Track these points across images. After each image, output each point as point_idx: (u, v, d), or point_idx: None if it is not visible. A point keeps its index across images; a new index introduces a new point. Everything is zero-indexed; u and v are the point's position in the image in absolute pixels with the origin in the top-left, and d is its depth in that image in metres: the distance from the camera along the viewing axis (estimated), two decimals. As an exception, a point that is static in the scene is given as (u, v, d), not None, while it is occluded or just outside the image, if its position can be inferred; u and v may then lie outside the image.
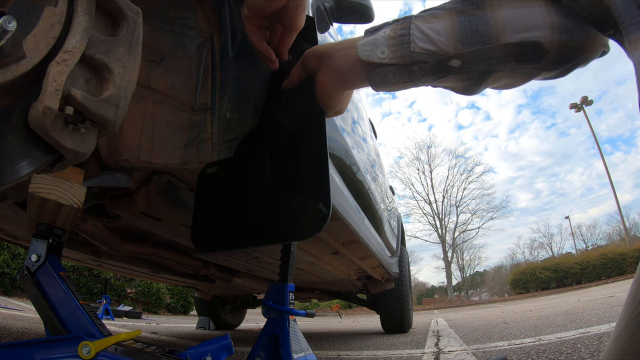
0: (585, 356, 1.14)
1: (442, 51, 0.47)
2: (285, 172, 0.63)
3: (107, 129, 0.39)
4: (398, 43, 0.49)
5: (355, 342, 2.26)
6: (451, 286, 24.78)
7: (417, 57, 0.48)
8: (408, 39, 0.48)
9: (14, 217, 0.95)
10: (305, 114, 0.63)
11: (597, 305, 3.53)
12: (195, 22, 0.74)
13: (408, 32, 0.48)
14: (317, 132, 0.60)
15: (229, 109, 0.71)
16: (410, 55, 0.48)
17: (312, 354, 0.88)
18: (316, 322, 6.46)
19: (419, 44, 0.47)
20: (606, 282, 12.37)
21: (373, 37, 0.52)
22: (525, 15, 0.44)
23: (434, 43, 0.47)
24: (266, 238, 0.63)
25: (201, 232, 0.68)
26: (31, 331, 1.90)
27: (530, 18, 0.44)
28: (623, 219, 18.31)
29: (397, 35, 0.49)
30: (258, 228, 0.63)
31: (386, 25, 0.52)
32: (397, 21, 0.51)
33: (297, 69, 0.61)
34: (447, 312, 8.53)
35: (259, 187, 0.65)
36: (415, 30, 0.48)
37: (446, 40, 0.46)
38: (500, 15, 0.44)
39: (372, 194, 1.62)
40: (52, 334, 0.59)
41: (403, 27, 0.49)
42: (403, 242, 3.11)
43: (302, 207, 0.59)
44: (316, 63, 0.58)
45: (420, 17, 0.49)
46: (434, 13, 0.49)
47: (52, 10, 0.34)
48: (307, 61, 0.59)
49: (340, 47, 0.56)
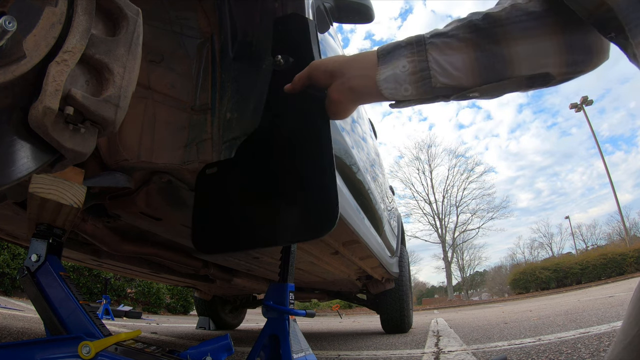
0: (585, 356, 1.14)
1: (462, 86, 0.50)
2: (291, 172, 0.63)
3: (107, 129, 0.39)
4: (419, 79, 0.50)
5: (355, 342, 2.26)
6: (451, 286, 24.78)
7: (439, 91, 0.50)
8: (429, 73, 0.50)
9: (14, 217, 0.95)
10: (309, 114, 0.63)
11: (597, 305, 3.53)
12: (195, 22, 0.74)
13: (427, 65, 0.50)
14: (322, 132, 0.60)
15: (229, 109, 0.71)
16: (432, 90, 0.50)
17: (312, 354, 0.88)
18: (316, 322, 6.46)
19: (440, 79, 0.50)
20: (606, 282, 12.37)
21: (392, 70, 0.52)
22: (538, 52, 0.47)
23: (454, 79, 0.49)
24: (272, 239, 0.62)
25: (202, 234, 0.68)
26: (31, 331, 1.90)
27: (544, 54, 0.47)
28: (623, 219, 18.32)
29: (418, 71, 0.50)
30: (263, 229, 0.63)
31: (401, 51, 0.52)
32: (412, 45, 0.52)
33: (301, 78, 0.61)
34: (447, 312, 8.53)
35: (263, 187, 0.64)
36: (434, 63, 0.49)
37: (465, 76, 0.49)
38: (516, 51, 0.47)
39: (372, 193, 1.62)
40: (52, 334, 0.59)
41: (421, 59, 0.50)
42: (403, 242, 3.11)
43: (309, 208, 0.59)
44: (326, 79, 0.58)
45: (435, 47, 0.50)
46: (449, 43, 0.50)
47: (52, 10, 0.34)
48: (314, 75, 0.59)
49: (354, 65, 0.56)
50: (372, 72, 0.54)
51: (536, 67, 0.47)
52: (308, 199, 0.60)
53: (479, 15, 0.50)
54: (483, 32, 0.49)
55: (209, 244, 0.67)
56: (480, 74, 0.49)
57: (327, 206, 0.57)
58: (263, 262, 1.51)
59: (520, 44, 0.47)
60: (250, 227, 0.64)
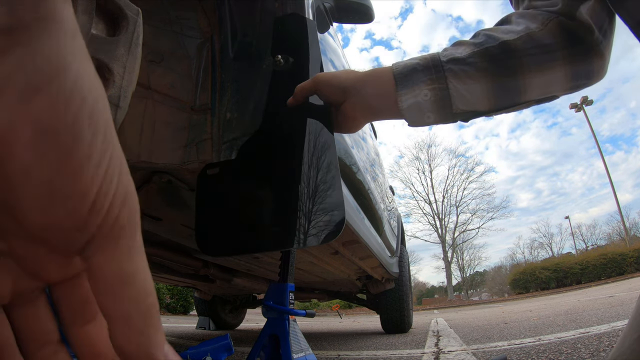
0: (585, 356, 1.14)
1: (479, 111, 0.54)
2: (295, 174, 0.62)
3: (107, 129, 0.39)
4: (441, 106, 0.53)
5: (355, 342, 2.26)
6: (451, 286, 24.78)
7: (457, 116, 0.54)
8: (450, 102, 0.53)
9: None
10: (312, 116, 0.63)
11: (597, 305, 3.53)
12: (195, 22, 0.74)
13: (448, 93, 0.52)
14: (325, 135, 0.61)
15: (229, 109, 0.71)
16: (452, 115, 0.54)
17: (312, 354, 0.88)
18: (316, 322, 6.46)
19: (460, 106, 0.53)
20: (606, 282, 12.36)
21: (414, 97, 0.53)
22: (549, 82, 0.51)
23: (472, 105, 0.53)
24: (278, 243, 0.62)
25: (207, 236, 0.68)
26: (31, 331, 1.90)
27: (553, 84, 0.52)
28: (623, 219, 18.32)
29: (439, 99, 0.53)
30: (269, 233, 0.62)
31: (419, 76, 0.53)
32: (430, 70, 0.53)
33: (304, 90, 0.60)
34: (447, 312, 8.53)
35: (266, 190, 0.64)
36: (454, 91, 0.52)
37: (482, 103, 0.53)
38: (530, 82, 0.51)
39: (372, 193, 1.62)
40: (52, 334, 0.59)
41: (442, 87, 0.52)
42: (403, 242, 3.11)
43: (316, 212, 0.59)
44: (339, 96, 0.58)
45: (454, 75, 0.52)
46: (468, 72, 0.52)
47: (52, 10, 0.34)
48: (324, 90, 0.59)
49: (370, 84, 0.56)
50: (390, 91, 0.55)
51: (545, 93, 0.53)
52: (314, 202, 0.60)
53: (495, 41, 0.52)
54: (500, 63, 0.51)
55: (214, 247, 0.67)
56: (496, 102, 0.53)
57: (333, 210, 0.57)
58: (263, 262, 1.51)
59: (534, 76, 0.51)
60: (255, 231, 0.64)
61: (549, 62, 0.50)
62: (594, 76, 0.52)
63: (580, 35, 0.49)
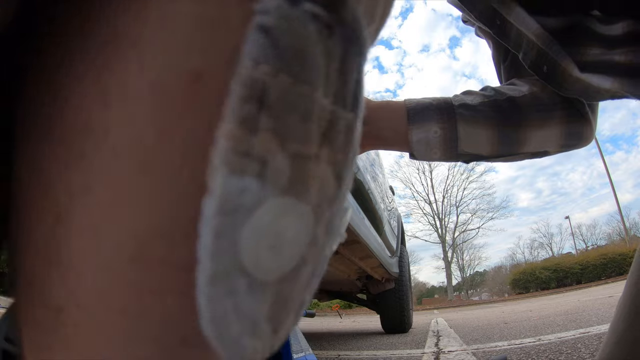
0: (586, 356, 1.14)
1: (480, 155, 0.59)
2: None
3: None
4: (448, 146, 0.58)
5: (355, 342, 2.26)
6: (451, 286, 24.79)
7: (461, 157, 0.60)
8: (456, 143, 0.58)
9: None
10: None
11: (597, 305, 3.53)
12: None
13: (456, 135, 0.57)
14: None
15: (229, 109, 0.71)
16: (457, 155, 0.59)
17: (312, 354, 0.89)
18: (316, 322, 6.46)
19: (464, 148, 0.58)
20: (606, 282, 12.37)
21: (425, 133, 0.58)
22: (545, 138, 0.57)
23: (475, 149, 0.58)
24: None
25: None
26: (31, 331, 1.90)
27: (549, 140, 0.58)
28: (623, 219, 18.31)
29: (448, 139, 0.58)
30: None
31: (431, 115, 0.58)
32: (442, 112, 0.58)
33: None
34: (447, 312, 8.53)
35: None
36: (462, 133, 0.57)
37: (485, 148, 0.58)
38: (530, 136, 0.57)
39: (372, 193, 1.62)
40: (52, 334, 0.59)
41: (451, 128, 0.57)
42: (403, 242, 3.11)
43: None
44: None
45: (464, 119, 0.57)
46: (476, 119, 0.57)
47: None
48: None
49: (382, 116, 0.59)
50: (402, 128, 0.59)
51: (540, 147, 0.59)
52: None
53: (502, 96, 0.58)
54: (505, 115, 0.57)
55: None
56: (498, 149, 0.58)
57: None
58: (263, 262, 1.51)
59: (534, 131, 0.57)
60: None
61: (548, 120, 0.57)
62: (582, 139, 0.59)
63: (573, 102, 0.57)
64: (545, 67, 0.50)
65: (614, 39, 0.44)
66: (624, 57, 0.44)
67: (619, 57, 0.44)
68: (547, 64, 0.50)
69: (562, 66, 0.48)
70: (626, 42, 0.43)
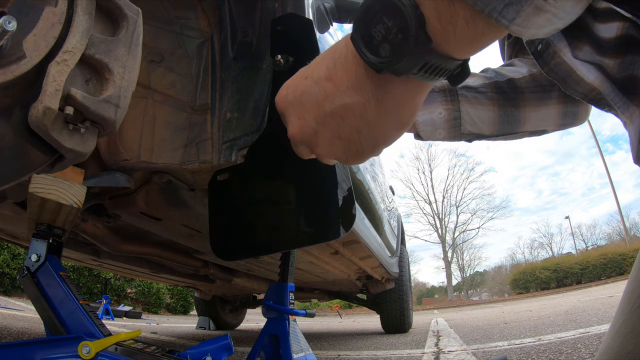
0: (585, 356, 1.14)
1: (482, 134, 0.61)
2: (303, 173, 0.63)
3: (107, 129, 0.39)
4: (452, 126, 0.60)
5: (355, 342, 2.26)
6: (451, 286, 24.78)
7: (464, 136, 0.61)
8: (460, 122, 0.59)
9: (14, 217, 0.95)
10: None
11: (597, 305, 3.53)
12: (196, 22, 0.74)
13: (459, 115, 0.59)
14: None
15: (229, 109, 0.71)
16: (459, 135, 0.61)
17: (312, 354, 0.88)
18: (316, 322, 6.46)
19: (468, 128, 0.60)
20: (606, 282, 12.36)
21: (430, 114, 0.60)
22: (544, 117, 0.59)
23: (478, 128, 0.60)
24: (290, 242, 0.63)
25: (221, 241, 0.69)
26: (31, 331, 1.90)
27: (547, 119, 0.60)
28: (623, 219, 18.31)
29: (452, 119, 0.60)
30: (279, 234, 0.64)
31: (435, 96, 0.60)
32: (445, 93, 0.60)
33: None
34: (447, 312, 8.53)
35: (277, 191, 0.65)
36: (465, 114, 0.59)
37: (487, 127, 0.60)
38: (529, 115, 0.59)
39: (372, 193, 1.62)
40: (52, 334, 0.59)
41: (454, 108, 0.59)
42: (403, 242, 3.11)
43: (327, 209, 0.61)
44: None
45: (467, 100, 0.59)
46: (479, 99, 0.59)
47: (52, 10, 0.34)
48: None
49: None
50: None
51: (539, 126, 0.60)
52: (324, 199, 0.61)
53: (503, 77, 0.60)
54: (507, 96, 0.59)
55: (228, 251, 0.68)
56: (499, 128, 0.60)
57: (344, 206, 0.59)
58: (263, 262, 1.51)
59: (534, 110, 0.59)
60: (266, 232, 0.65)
61: (546, 99, 0.59)
62: (578, 118, 0.61)
63: None
64: (539, 45, 0.51)
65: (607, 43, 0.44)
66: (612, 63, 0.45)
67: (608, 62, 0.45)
68: (542, 43, 0.51)
69: (555, 47, 0.49)
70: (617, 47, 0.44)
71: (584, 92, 0.49)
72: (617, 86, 0.45)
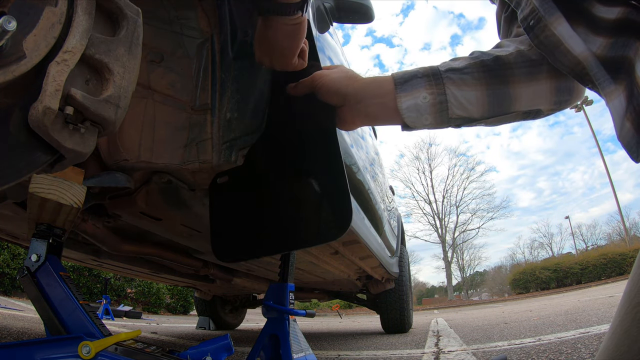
0: (586, 356, 1.14)
1: (472, 117, 0.58)
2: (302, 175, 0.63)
3: (107, 129, 0.39)
4: (438, 110, 0.58)
5: (355, 342, 2.26)
6: (451, 286, 24.78)
7: (452, 121, 0.58)
8: (446, 106, 0.57)
9: (14, 217, 0.95)
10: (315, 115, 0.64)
11: (597, 305, 3.53)
12: (195, 22, 0.74)
13: (445, 98, 0.57)
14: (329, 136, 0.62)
15: (229, 109, 0.71)
16: (448, 120, 0.58)
17: (312, 354, 0.88)
18: (316, 322, 6.45)
19: (455, 111, 0.57)
20: (606, 282, 12.36)
21: (414, 99, 0.58)
22: (535, 93, 0.57)
23: (467, 111, 0.57)
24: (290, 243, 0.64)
25: (222, 244, 0.69)
26: (31, 331, 1.90)
27: (539, 96, 0.57)
28: (623, 219, 18.31)
29: (437, 102, 0.57)
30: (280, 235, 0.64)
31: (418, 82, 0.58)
32: (429, 77, 0.58)
33: (304, 87, 0.65)
34: (447, 312, 8.53)
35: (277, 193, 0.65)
36: (451, 97, 0.57)
37: (476, 109, 0.57)
38: (520, 92, 0.57)
39: (372, 193, 1.62)
40: (52, 334, 0.59)
41: (439, 92, 0.57)
42: (403, 242, 3.11)
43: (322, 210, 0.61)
44: (338, 101, 0.62)
45: (452, 82, 0.57)
46: (465, 80, 0.57)
47: (52, 10, 0.34)
48: (323, 94, 0.63)
49: (370, 93, 0.60)
50: (390, 99, 0.59)
51: (532, 104, 0.58)
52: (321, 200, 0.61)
53: (489, 56, 0.58)
54: (494, 73, 0.57)
55: (230, 253, 0.68)
56: (489, 108, 0.57)
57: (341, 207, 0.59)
58: (263, 262, 1.51)
59: (524, 86, 0.57)
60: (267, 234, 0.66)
61: (535, 74, 0.56)
62: (574, 92, 0.58)
63: None
64: (532, 20, 0.51)
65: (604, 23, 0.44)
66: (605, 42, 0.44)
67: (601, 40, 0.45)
68: (534, 19, 0.50)
69: (546, 21, 0.49)
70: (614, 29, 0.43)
71: (570, 66, 0.49)
72: (602, 63, 0.45)
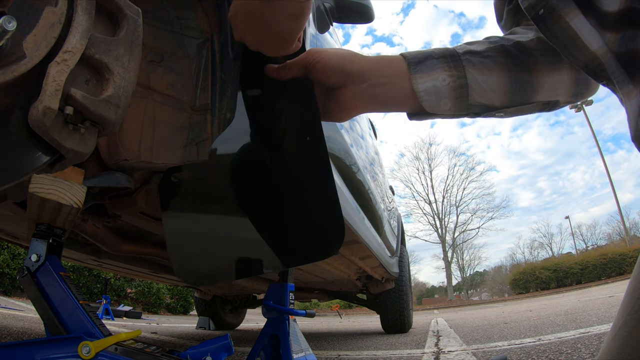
0: (586, 356, 1.14)
1: (493, 105, 0.54)
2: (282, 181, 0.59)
3: (107, 129, 0.39)
4: (459, 95, 0.52)
5: (355, 342, 2.26)
6: (451, 286, 24.78)
7: (472, 108, 0.54)
8: (467, 90, 0.52)
9: (14, 217, 0.95)
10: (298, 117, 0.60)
11: (597, 305, 3.53)
12: (195, 22, 0.74)
13: (466, 82, 0.52)
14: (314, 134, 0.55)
15: (229, 109, 0.71)
16: (468, 107, 0.53)
17: (312, 354, 0.88)
18: (316, 322, 6.45)
19: (476, 98, 0.53)
20: (606, 282, 12.36)
21: (432, 81, 0.51)
22: (557, 83, 0.54)
23: (487, 98, 0.53)
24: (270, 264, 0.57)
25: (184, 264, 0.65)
26: (31, 331, 1.90)
27: (560, 86, 0.55)
28: (623, 219, 18.31)
29: (457, 86, 0.52)
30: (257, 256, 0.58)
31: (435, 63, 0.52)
32: (447, 59, 0.52)
33: (294, 68, 0.55)
34: (447, 312, 8.53)
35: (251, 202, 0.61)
36: (472, 81, 0.52)
37: (498, 97, 0.53)
38: (542, 81, 0.54)
39: (372, 193, 1.62)
40: (52, 334, 0.59)
41: (460, 75, 0.52)
42: (403, 242, 3.11)
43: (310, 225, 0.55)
44: (337, 79, 0.54)
45: (473, 65, 0.52)
46: (486, 64, 0.53)
47: (52, 10, 0.34)
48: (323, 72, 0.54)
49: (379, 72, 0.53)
50: (402, 80, 0.52)
51: (552, 95, 0.55)
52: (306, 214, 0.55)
53: (509, 41, 0.54)
54: (516, 59, 0.53)
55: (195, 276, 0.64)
56: (511, 97, 0.54)
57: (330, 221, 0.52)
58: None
59: (546, 75, 0.53)
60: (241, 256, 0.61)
61: (558, 64, 0.53)
62: (591, 86, 0.56)
63: None
64: (542, 10, 0.46)
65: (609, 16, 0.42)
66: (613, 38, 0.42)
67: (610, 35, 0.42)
68: (545, 8, 0.46)
69: (560, 12, 0.45)
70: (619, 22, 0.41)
71: (585, 62, 0.45)
72: (619, 60, 0.42)
